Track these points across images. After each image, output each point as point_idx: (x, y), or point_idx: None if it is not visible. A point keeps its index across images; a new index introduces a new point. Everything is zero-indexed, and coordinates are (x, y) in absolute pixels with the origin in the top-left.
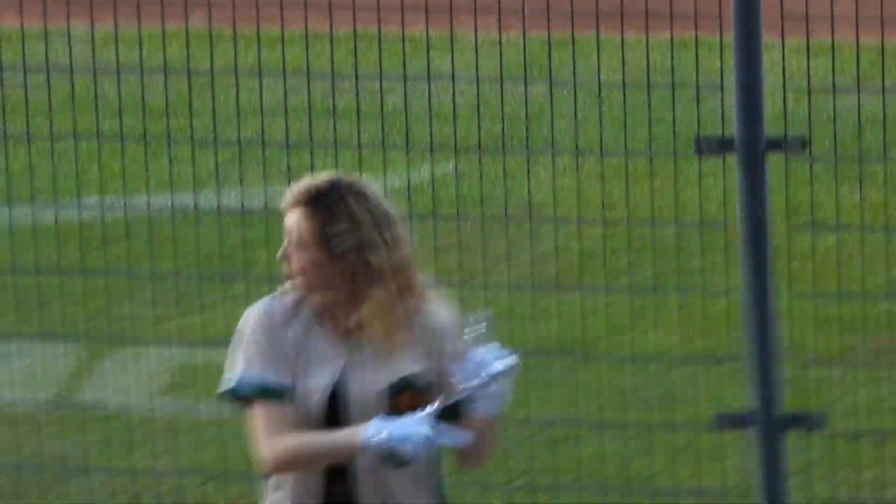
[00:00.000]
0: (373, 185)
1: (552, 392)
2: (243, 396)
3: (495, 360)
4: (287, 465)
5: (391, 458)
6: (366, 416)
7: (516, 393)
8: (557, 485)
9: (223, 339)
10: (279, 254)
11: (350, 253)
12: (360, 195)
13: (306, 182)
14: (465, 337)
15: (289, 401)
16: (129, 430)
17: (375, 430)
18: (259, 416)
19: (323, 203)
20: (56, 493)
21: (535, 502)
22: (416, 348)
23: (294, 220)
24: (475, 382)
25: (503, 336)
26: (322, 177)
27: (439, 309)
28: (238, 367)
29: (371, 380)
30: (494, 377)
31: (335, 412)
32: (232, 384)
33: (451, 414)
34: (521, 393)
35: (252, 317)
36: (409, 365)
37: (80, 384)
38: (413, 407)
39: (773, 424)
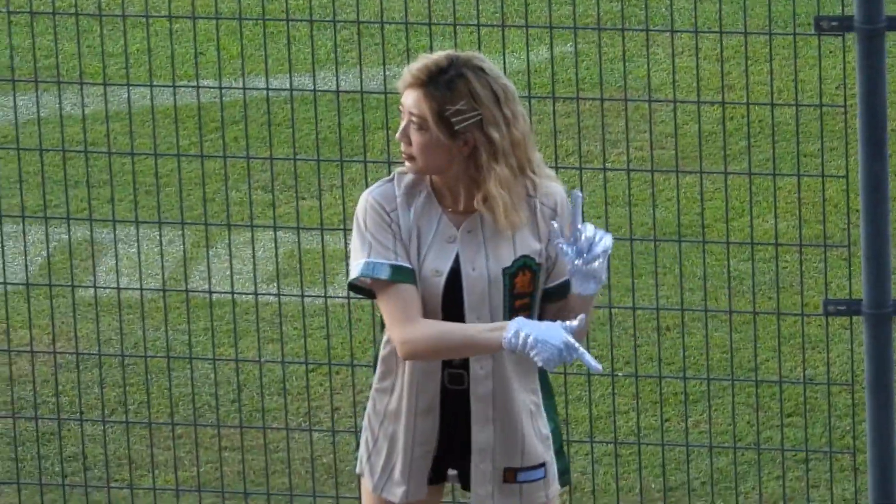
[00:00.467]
0: (488, 60)
1: (661, 279)
2: (372, 281)
3: (596, 239)
4: (424, 352)
5: (527, 361)
6: (483, 297)
7: (623, 279)
8: (662, 373)
9: (339, 224)
10: (398, 134)
11: (470, 130)
12: (479, 70)
13: (424, 60)
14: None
15: (416, 282)
16: (236, 318)
17: (517, 332)
18: (391, 300)
19: (442, 80)
20: (159, 382)
21: (640, 391)
22: (531, 228)
23: (412, 99)
24: (579, 262)
25: (618, 221)
26: (439, 54)
27: (552, 188)
28: (361, 253)
29: (490, 260)
30: (597, 256)
31: (453, 292)
32: (359, 270)
33: (554, 294)
34: (628, 280)
35: (367, 202)
36: (526, 244)
37: (189, 270)
38: (529, 287)
39: (882, 312)
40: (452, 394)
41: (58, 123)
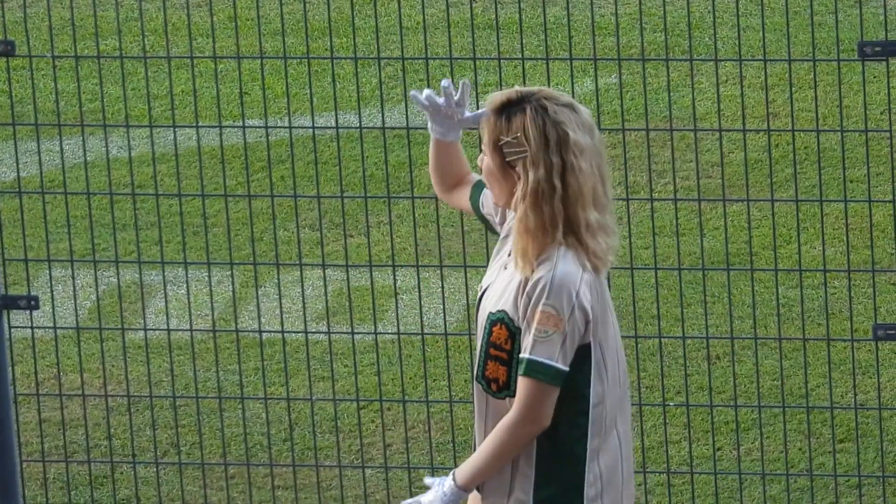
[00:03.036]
0: (567, 101)
1: (710, 308)
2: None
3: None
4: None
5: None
6: (481, 330)
7: (673, 309)
8: (713, 402)
9: (387, 260)
10: (478, 159)
11: (520, 164)
12: (540, 108)
13: (505, 91)
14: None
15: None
16: (286, 356)
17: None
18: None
19: (505, 112)
20: (211, 422)
21: (692, 421)
22: (518, 295)
23: (484, 124)
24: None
25: (666, 251)
26: (518, 88)
27: (541, 270)
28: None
29: (492, 297)
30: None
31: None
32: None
33: None
34: (677, 309)
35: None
36: (513, 301)
37: (238, 310)
38: (506, 345)
39: None
40: None
41: (104, 167)
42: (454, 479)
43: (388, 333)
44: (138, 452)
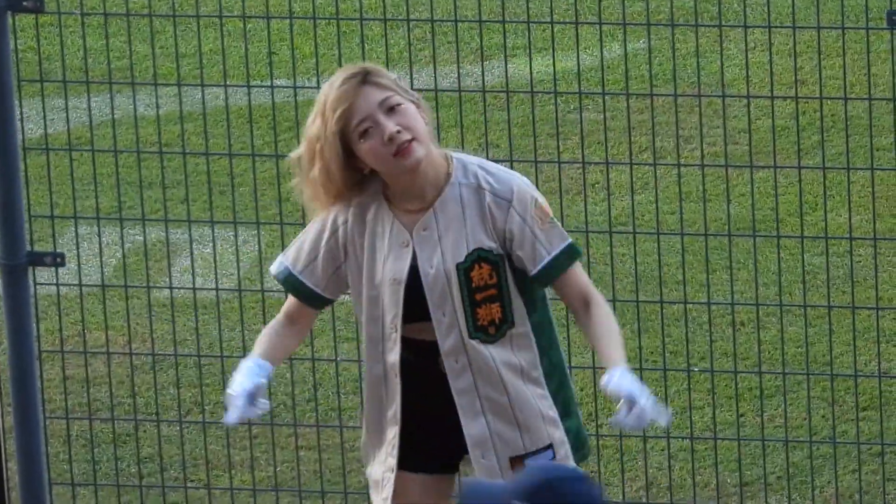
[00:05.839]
0: None
1: (736, 274)
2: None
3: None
4: None
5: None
6: (445, 294)
7: (698, 275)
8: (737, 369)
9: None
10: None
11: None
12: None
13: (359, 68)
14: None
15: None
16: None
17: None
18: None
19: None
20: None
21: (715, 387)
22: (482, 221)
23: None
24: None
25: (692, 216)
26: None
27: (504, 178)
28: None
29: (445, 256)
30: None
31: (414, 295)
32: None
33: (543, 278)
34: (703, 275)
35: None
36: (477, 239)
37: (264, 269)
38: (491, 279)
39: None
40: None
41: (132, 125)
42: (625, 367)
43: None
44: (162, 411)
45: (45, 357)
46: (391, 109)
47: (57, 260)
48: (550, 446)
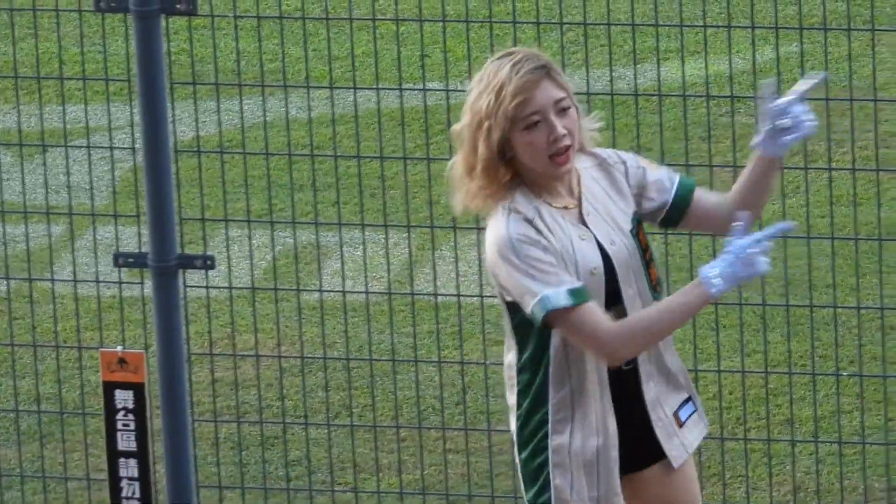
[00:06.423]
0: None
1: (886, 278)
2: (555, 313)
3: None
4: (639, 345)
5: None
6: (629, 267)
7: (848, 279)
8: (886, 373)
9: None
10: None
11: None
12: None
13: (529, 52)
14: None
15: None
16: (461, 320)
17: (719, 279)
18: (583, 319)
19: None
20: (384, 385)
21: (864, 391)
22: (617, 189)
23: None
24: (771, 119)
25: (843, 220)
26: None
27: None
28: (532, 292)
29: (617, 230)
30: (796, 117)
31: (611, 278)
32: (542, 309)
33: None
34: (853, 279)
35: (511, 239)
36: (632, 200)
37: (414, 273)
38: (646, 239)
39: None
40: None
41: (283, 127)
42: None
43: None
44: (310, 414)
45: (194, 360)
46: (563, 111)
47: (207, 263)
48: (689, 399)
